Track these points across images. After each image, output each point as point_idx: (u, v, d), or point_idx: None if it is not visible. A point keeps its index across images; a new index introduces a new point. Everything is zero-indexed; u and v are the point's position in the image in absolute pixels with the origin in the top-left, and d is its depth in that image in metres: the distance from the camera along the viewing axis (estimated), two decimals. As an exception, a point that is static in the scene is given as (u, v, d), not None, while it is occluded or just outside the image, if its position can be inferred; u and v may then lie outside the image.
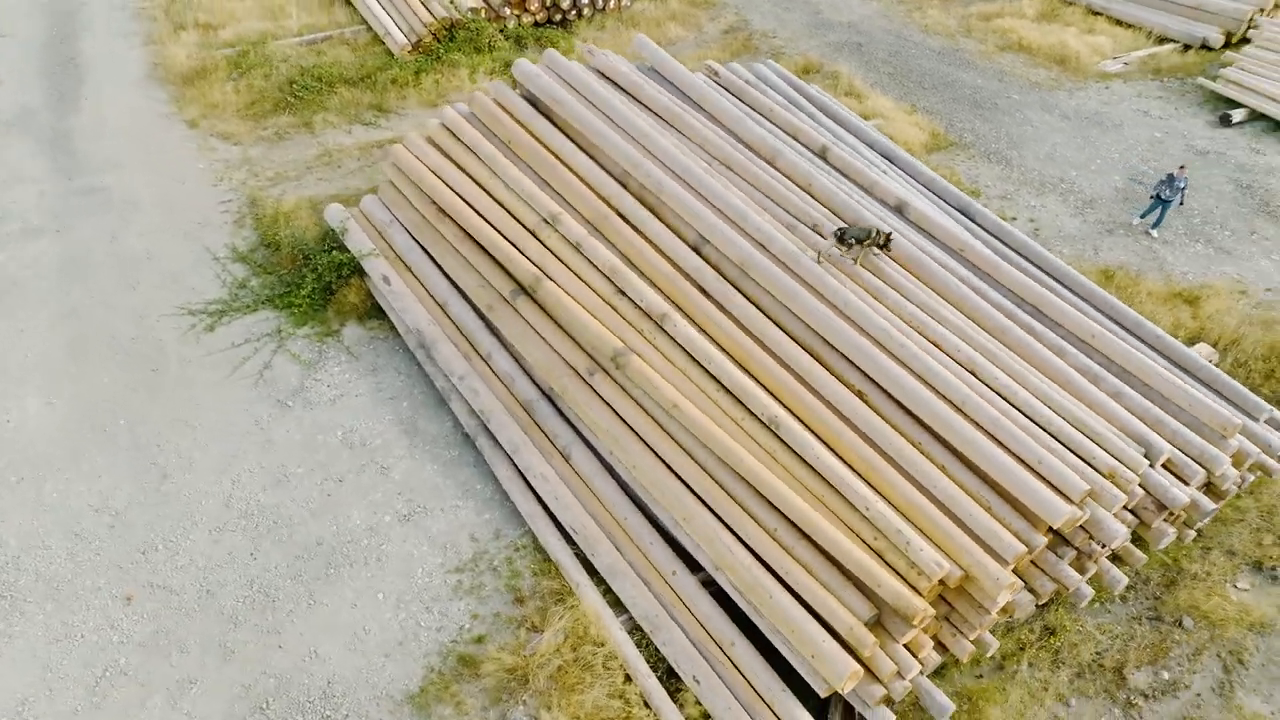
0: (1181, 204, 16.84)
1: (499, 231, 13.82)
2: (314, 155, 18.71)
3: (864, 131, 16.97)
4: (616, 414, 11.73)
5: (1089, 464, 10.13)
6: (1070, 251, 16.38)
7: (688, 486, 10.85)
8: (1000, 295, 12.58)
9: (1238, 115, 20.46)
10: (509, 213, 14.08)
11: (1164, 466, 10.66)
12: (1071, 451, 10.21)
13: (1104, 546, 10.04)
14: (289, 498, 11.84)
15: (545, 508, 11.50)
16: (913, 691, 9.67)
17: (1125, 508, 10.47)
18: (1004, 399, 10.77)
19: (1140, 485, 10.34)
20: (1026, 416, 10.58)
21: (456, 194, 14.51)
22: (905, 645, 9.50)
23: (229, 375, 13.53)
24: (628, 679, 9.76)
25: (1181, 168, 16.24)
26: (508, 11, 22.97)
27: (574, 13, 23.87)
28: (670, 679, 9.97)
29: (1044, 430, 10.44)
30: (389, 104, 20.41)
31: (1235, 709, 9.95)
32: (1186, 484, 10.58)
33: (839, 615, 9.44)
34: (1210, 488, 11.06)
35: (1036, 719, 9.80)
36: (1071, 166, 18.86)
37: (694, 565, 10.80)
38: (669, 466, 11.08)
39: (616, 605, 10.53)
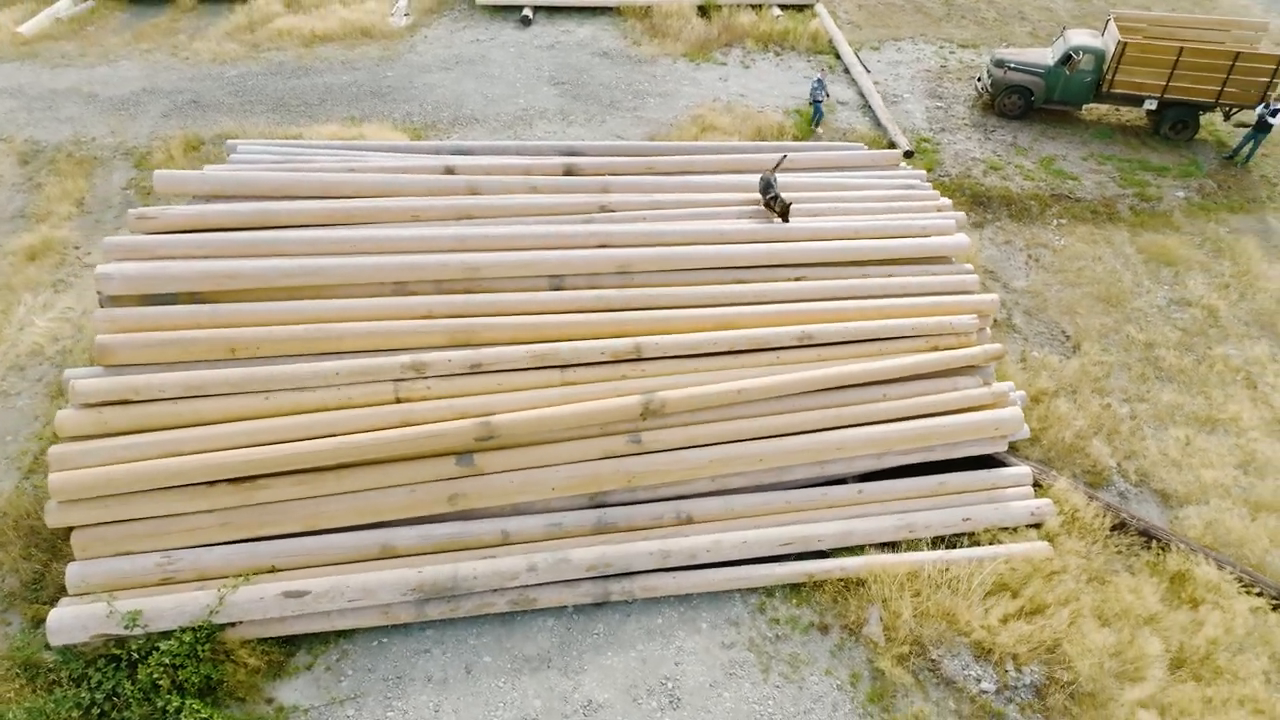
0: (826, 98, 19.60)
1: (357, 433, 10.68)
2: None
3: (425, 145, 16.38)
4: (694, 447, 11.27)
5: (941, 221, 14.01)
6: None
7: (805, 433, 11.51)
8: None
9: (528, 14, 24.74)
10: (337, 408, 10.87)
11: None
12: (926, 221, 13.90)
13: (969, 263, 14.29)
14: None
15: (735, 563, 10.87)
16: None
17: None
18: (870, 219, 13.73)
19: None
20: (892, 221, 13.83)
21: (242, 447, 10.42)
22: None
23: None
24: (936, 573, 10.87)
25: (823, 69, 19.66)
26: None
27: None
28: (938, 544, 11.35)
29: (906, 224, 13.82)
30: None
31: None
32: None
33: (977, 394, 11.94)
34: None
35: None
36: (512, 99, 20.99)
37: (840, 481, 11.84)
38: (779, 436, 11.45)
39: (863, 548, 11.11)
